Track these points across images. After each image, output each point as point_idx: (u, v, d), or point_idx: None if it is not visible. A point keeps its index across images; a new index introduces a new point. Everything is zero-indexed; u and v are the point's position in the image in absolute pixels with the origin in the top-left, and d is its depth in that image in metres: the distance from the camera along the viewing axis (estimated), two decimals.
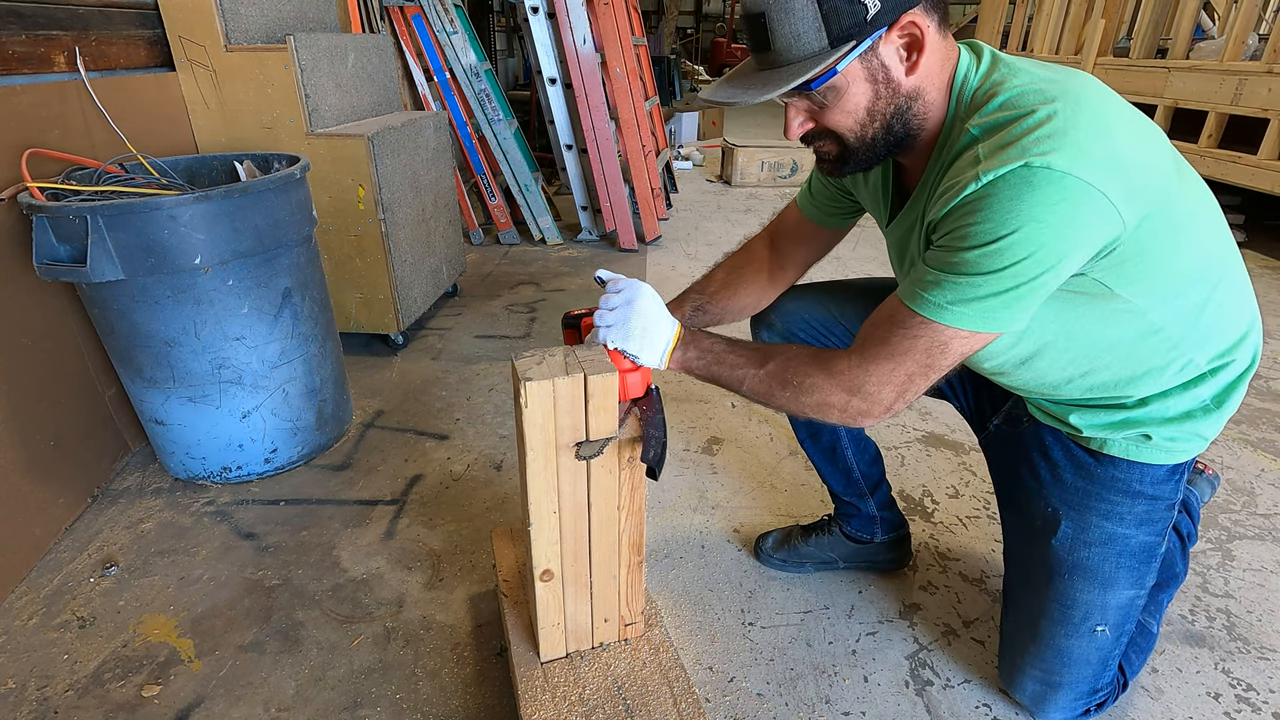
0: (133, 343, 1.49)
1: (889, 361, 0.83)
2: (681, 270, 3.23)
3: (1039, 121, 0.74)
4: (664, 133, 4.52)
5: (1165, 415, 0.93)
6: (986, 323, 0.79)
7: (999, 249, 0.74)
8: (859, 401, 0.86)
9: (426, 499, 1.62)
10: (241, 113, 2.00)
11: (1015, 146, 0.73)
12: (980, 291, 0.77)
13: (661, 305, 0.96)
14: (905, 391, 0.84)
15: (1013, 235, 0.73)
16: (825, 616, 1.31)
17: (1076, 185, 0.71)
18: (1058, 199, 0.71)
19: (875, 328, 0.86)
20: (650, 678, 1.02)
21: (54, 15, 1.60)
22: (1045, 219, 0.72)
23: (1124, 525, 0.97)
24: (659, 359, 0.93)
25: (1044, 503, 1.03)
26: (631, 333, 0.92)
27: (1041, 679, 1.06)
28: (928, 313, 0.80)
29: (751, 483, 1.70)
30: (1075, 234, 0.74)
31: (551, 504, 0.91)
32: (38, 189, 1.39)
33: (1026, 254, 0.73)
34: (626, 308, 0.93)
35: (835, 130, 0.86)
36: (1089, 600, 1.00)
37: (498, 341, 2.47)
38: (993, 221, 0.73)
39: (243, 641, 1.24)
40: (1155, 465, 0.95)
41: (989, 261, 0.75)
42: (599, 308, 0.95)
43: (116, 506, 1.59)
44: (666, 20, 12.18)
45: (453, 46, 3.22)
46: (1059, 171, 0.71)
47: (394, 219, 2.18)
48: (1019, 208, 0.72)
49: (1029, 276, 0.75)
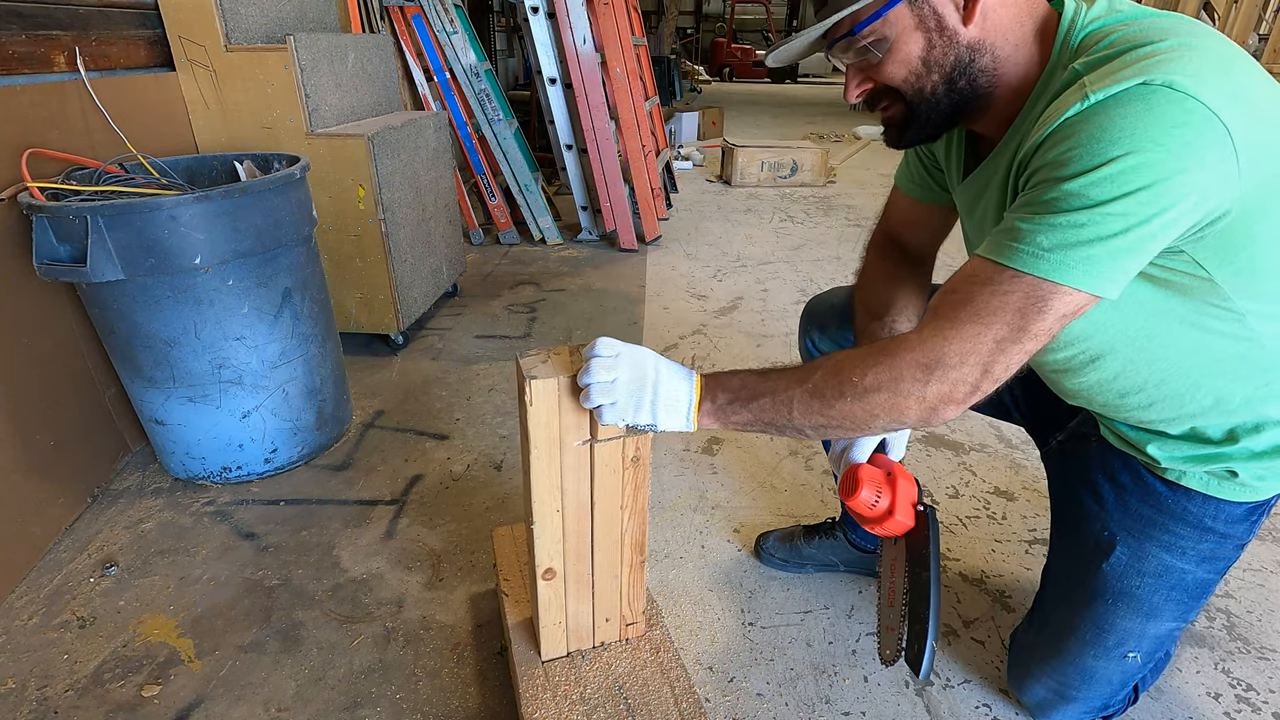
0: (133, 343, 1.48)
1: (973, 324, 0.69)
2: (681, 270, 3.23)
3: (1160, 49, 0.65)
4: (664, 133, 4.52)
5: (1255, 450, 0.83)
6: (1090, 277, 0.65)
7: (1108, 176, 0.62)
8: (938, 383, 0.70)
9: (426, 499, 1.62)
10: (241, 113, 2.00)
11: (1131, 67, 0.63)
12: (1085, 234, 0.64)
13: (666, 359, 0.81)
14: (992, 365, 0.69)
15: (1125, 159, 0.62)
16: (825, 616, 1.31)
17: (1200, 110, 0.61)
18: (1179, 121, 0.61)
19: (951, 291, 0.73)
20: (651, 677, 1.02)
21: (54, 15, 1.60)
22: (1164, 142, 0.61)
23: (1184, 560, 0.90)
24: (684, 419, 0.78)
25: (1101, 525, 0.95)
26: (641, 403, 0.78)
27: (1055, 690, 1.03)
28: (1020, 264, 0.67)
29: (751, 483, 1.70)
30: (1195, 170, 0.62)
31: (555, 502, 0.91)
32: (38, 189, 1.38)
33: (1140, 184, 0.62)
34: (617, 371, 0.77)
35: (891, 84, 0.79)
36: (1127, 628, 0.95)
37: (498, 341, 2.47)
38: (1101, 142, 0.62)
39: (243, 641, 1.24)
40: (1234, 503, 0.87)
41: (1095, 191, 0.63)
42: (584, 382, 0.78)
43: (116, 506, 1.59)
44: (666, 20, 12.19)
45: (453, 46, 3.22)
46: (1181, 92, 0.61)
47: (394, 219, 2.18)
48: (1133, 126, 0.61)
49: (1141, 217, 0.63)
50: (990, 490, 1.66)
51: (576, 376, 0.80)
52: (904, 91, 0.79)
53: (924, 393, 0.71)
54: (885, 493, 0.86)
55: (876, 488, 0.87)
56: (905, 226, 1.12)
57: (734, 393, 0.78)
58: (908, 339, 0.73)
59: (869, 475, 0.88)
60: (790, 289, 2.99)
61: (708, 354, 2.39)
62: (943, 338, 0.70)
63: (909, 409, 0.72)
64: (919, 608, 0.84)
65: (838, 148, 6.73)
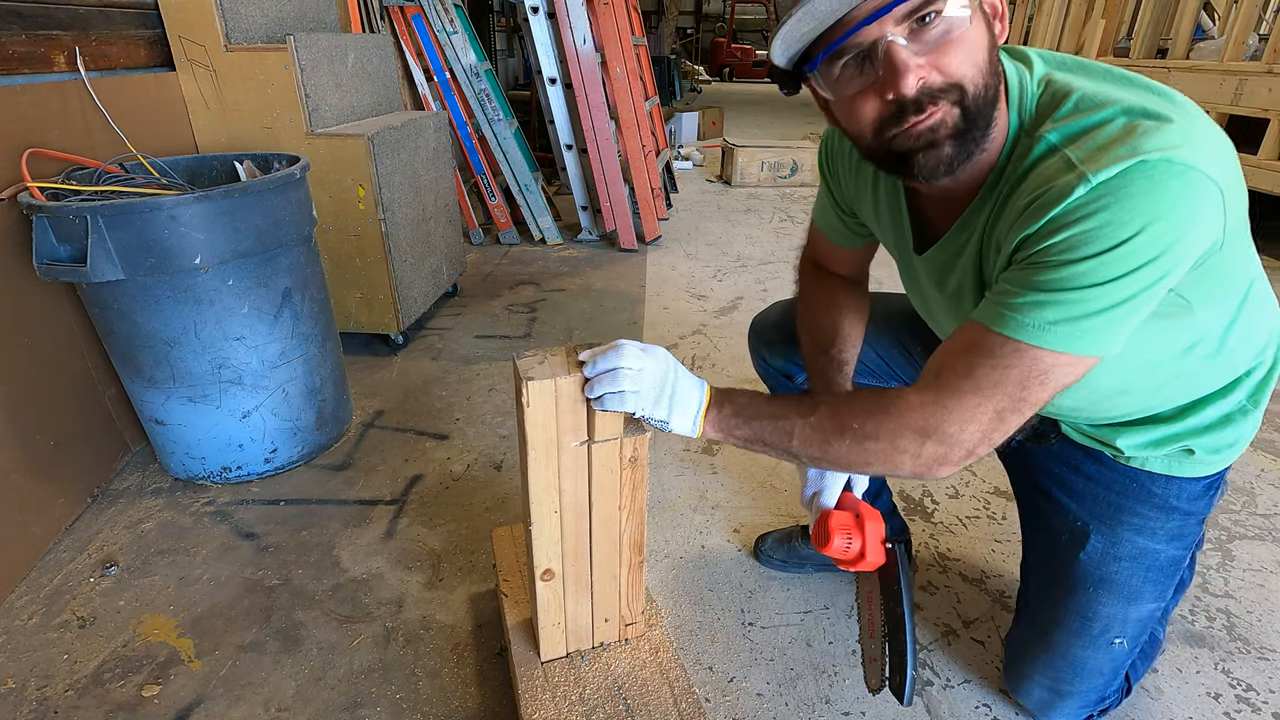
0: (133, 342, 1.49)
1: (973, 396, 0.71)
2: (681, 270, 3.23)
3: (1135, 118, 0.65)
4: (664, 133, 4.52)
5: (1205, 424, 0.88)
6: (1094, 344, 0.67)
7: (1120, 255, 0.63)
8: (934, 445, 0.72)
9: (426, 499, 1.62)
10: (241, 113, 2.00)
11: (1121, 144, 0.64)
12: (1092, 306, 0.65)
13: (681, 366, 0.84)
14: (992, 432, 0.72)
15: (1137, 238, 0.63)
16: (825, 616, 1.31)
17: (1199, 179, 0.63)
18: (1183, 194, 0.63)
19: (952, 358, 0.73)
20: (650, 678, 1.02)
21: (54, 15, 1.60)
22: (1171, 216, 0.62)
23: (1156, 540, 0.94)
24: (691, 425, 0.81)
25: (1073, 517, 0.99)
26: (660, 397, 0.79)
27: (1050, 686, 1.04)
28: (1025, 336, 0.68)
29: (751, 483, 1.70)
30: (1198, 232, 0.65)
31: (553, 503, 0.91)
32: (38, 189, 1.39)
33: (1151, 257, 0.63)
34: (645, 362, 0.79)
35: (958, 80, 0.67)
36: (1111, 613, 0.98)
37: (498, 341, 2.47)
38: (1112, 225, 0.63)
39: (243, 641, 1.24)
40: (1191, 480, 0.92)
41: (1106, 270, 0.64)
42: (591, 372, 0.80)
43: (116, 506, 1.59)
44: (666, 20, 12.19)
45: (453, 46, 3.22)
46: (1180, 164, 0.62)
47: (394, 219, 2.18)
48: (1142, 206, 0.62)
49: (1148, 283, 0.65)
50: (990, 490, 1.66)
51: (596, 358, 0.80)
52: (968, 90, 0.68)
53: (920, 451, 0.73)
54: (855, 536, 0.90)
55: (847, 534, 0.90)
56: (831, 261, 1.14)
57: (740, 408, 0.81)
58: (908, 400, 0.74)
59: (839, 523, 0.91)
60: (790, 289, 2.98)
61: (708, 354, 2.39)
62: (943, 407, 0.72)
63: (903, 464, 0.75)
64: (897, 639, 0.87)
65: None
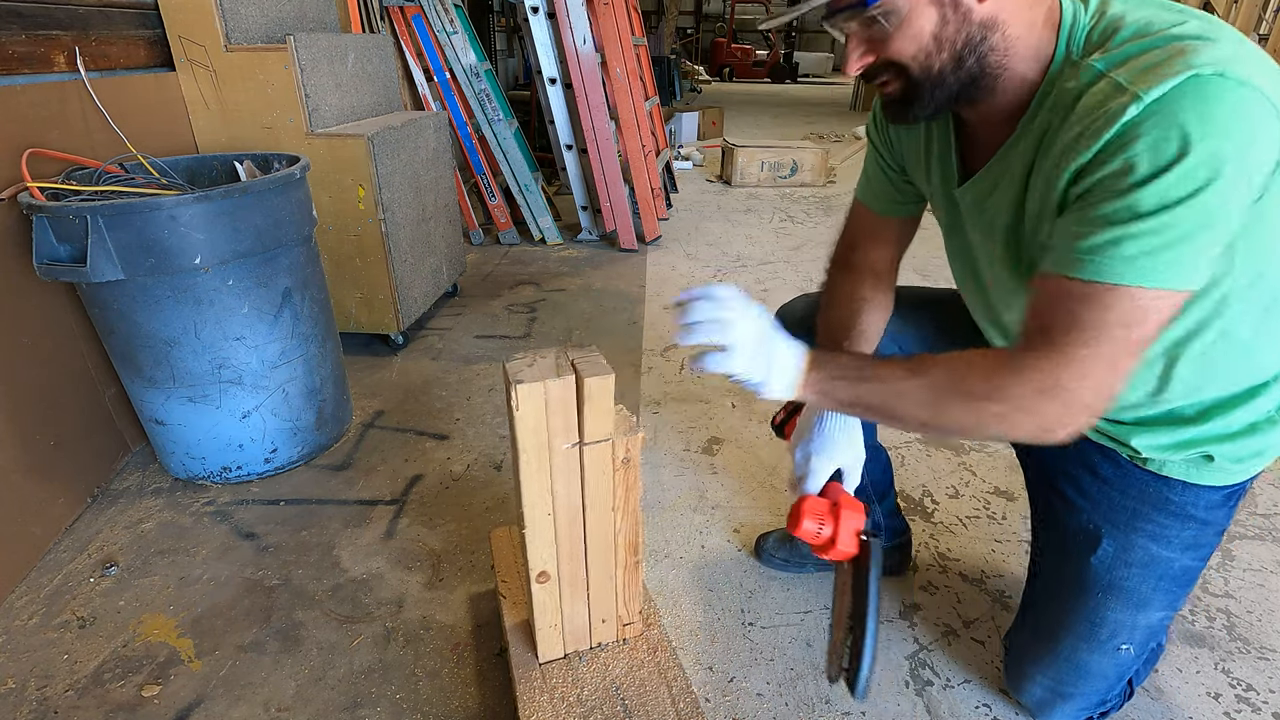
0: (133, 343, 1.49)
1: (1083, 348, 0.68)
2: (681, 270, 3.23)
3: (1188, 38, 0.65)
4: (664, 133, 4.52)
5: (1229, 430, 0.85)
6: (1182, 275, 0.66)
7: (1182, 174, 0.62)
8: (1055, 405, 0.71)
9: (426, 499, 1.62)
10: (241, 113, 2.00)
11: (1174, 62, 0.63)
12: (1169, 235, 0.64)
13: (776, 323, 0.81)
14: (1104, 385, 0.70)
15: (1194, 154, 0.61)
16: (826, 617, 1.31)
17: (1255, 96, 0.61)
18: (1239, 107, 0.61)
19: (1047, 314, 0.72)
20: (648, 678, 1.02)
21: (54, 15, 1.60)
22: (1229, 130, 0.61)
23: (1170, 549, 0.92)
24: (789, 387, 0.79)
25: (1086, 519, 0.96)
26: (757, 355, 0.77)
27: (1051, 688, 1.04)
28: (1113, 276, 0.66)
29: (751, 483, 1.70)
30: (1259, 149, 0.63)
31: (546, 506, 0.91)
32: (38, 189, 1.39)
33: (1213, 175, 0.62)
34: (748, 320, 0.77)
35: (899, 60, 0.75)
36: (1118, 619, 0.96)
37: (498, 341, 2.47)
38: (1170, 141, 0.62)
39: (243, 641, 1.24)
40: (1212, 488, 0.89)
41: (1172, 191, 0.63)
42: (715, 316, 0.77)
43: (116, 506, 1.59)
44: (666, 20, 12.18)
45: (453, 46, 3.22)
46: (1235, 79, 0.61)
47: (394, 219, 2.18)
48: (1198, 119, 0.61)
49: (1218, 205, 0.63)
50: (990, 490, 1.66)
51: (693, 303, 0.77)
52: (910, 68, 0.76)
53: (1043, 412, 0.71)
54: (828, 522, 0.89)
55: (819, 518, 0.90)
56: (867, 241, 1.12)
57: (842, 369, 0.80)
58: (1025, 359, 0.72)
59: (812, 507, 0.91)
60: (790, 289, 2.99)
61: None
62: (1056, 364, 0.70)
63: (1023, 427, 0.73)
64: (858, 632, 0.87)
65: (837, 148, 6.73)
